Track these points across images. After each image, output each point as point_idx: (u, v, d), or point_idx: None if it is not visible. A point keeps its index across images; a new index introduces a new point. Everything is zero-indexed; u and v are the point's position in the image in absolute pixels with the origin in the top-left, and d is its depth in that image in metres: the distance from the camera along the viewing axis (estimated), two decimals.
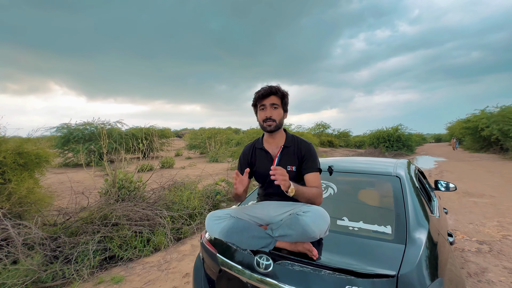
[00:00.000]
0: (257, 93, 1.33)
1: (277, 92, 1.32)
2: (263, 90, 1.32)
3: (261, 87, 1.35)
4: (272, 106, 1.32)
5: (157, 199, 4.33)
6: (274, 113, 1.32)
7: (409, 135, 22.51)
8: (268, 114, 1.31)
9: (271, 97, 1.32)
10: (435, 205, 1.89)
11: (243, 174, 1.25)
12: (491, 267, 2.55)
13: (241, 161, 1.45)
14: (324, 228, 1.04)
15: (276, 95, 1.33)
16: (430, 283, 0.91)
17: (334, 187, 1.63)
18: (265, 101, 1.32)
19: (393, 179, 1.55)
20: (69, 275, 2.45)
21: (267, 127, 1.32)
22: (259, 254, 1.13)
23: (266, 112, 1.32)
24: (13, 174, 3.51)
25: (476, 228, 3.67)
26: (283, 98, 1.36)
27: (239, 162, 1.47)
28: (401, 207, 1.30)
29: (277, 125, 1.33)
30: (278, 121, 1.33)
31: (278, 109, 1.34)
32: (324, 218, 1.06)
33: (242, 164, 1.44)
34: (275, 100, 1.33)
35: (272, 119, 1.31)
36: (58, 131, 13.96)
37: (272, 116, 1.31)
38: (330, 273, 0.96)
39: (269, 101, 1.31)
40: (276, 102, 1.32)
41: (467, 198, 5.47)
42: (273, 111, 1.32)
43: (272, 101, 1.32)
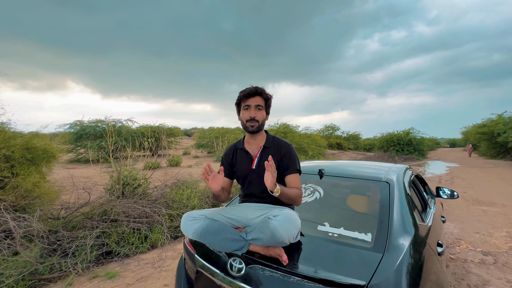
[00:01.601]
0: (242, 92, 1.33)
1: (262, 93, 1.33)
2: (249, 89, 1.31)
3: (246, 87, 1.34)
4: (257, 107, 1.32)
5: (158, 196, 4.39)
6: (258, 114, 1.32)
7: (421, 139, 21.89)
8: (252, 114, 1.31)
9: (256, 97, 1.32)
10: (430, 213, 1.82)
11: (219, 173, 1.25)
12: (493, 280, 2.44)
13: (223, 161, 1.45)
14: (292, 233, 1.02)
15: (261, 96, 1.33)
16: None
17: (320, 191, 1.60)
18: (250, 101, 1.31)
19: (382, 185, 1.50)
20: (66, 268, 2.52)
21: (249, 127, 1.32)
22: (233, 257, 1.12)
23: (250, 112, 1.32)
24: (21, 168, 3.64)
25: (482, 238, 3.51)
26: (267, 100, 1.36)
27: (221, 162, 1.47)
28: (386, 214, 1.26)
29: (259, 126, 1.33)
30: (260, 122, 1.33)
31: (262, 110, 1.34)
32: (293, 222, 1.04)
33: (224, 164, 1.44)
34: (260, 101, 1.33)
35: (255, 119, 1.31)
36: (71, 127, 14.42)
37: (256, 116, 1.31)
38: (298, 280, 0.94)
39: (254, 102, 1.31)
40: (260, 104, 1.33)
41: (477, 206, 5.25)
42: (257, 112, 1.32)
43: (257, 102, 1.32)
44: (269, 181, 1.09)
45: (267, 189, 1.29)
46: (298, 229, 1.07)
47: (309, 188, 1.65)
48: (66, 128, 14.44)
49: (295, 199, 1.22)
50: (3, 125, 3.96)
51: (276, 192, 1.11)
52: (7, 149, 3.50)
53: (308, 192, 1.61)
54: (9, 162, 3.57)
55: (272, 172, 1.09)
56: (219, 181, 1.19)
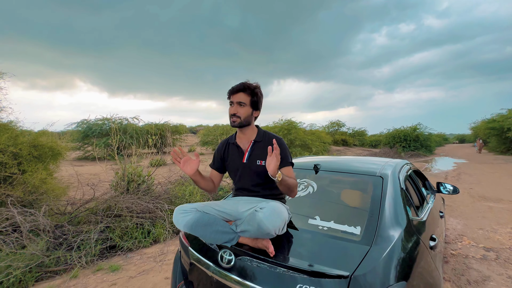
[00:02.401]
0: (230, 89, 1.36)
1: (246, 89, 1.34)
2: (234, 86, 1.35)
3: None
4: (239, 103, 1.34)
5: (162, 193, 4.47)
6: (240, 111, 1.34)
7: (429, 135, 21.52)
8: (233, 111, 1.34)
9: (239, 94, 1.34)
10: (426, 208, 1.82)
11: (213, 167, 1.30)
12: (494, 276, 2.41)
13: (215, 155, 1.49)
14: (278, 224, 1.04)
15: (245, 92, 1.34)
16: (386, 287, 0.88)
17: (314, 186, 1.61)
18: (233, 98, 1.35)
19: (375, 179, 1.50)
20: (71, 261, 2.60)
21: (232, 122, 1.36)
22: (223, 249, 1.15)
23: (232, 108, 1.35)
24: (28, 165, 3.75)
25: (486, 234, 3.47)
26: (253, 96, 1.36)
27: (214, 155, 1.50)
28: (376, 208, 1.26)
29: (241, 122, 1.35)
30: (243, 118, 1.35)
31: (244, 106, 1.35)
32: (279, 214, 1.05)
33: (216, 157, 1.48)
34: (243, 97, 1.34)
35: (237, 115, 1.34)
36: (78, 126, 14.72)
37: (237, 113, 1.34)
38: (284, 271, 0.96)
39: (236, 99, 1.34)
40: (243, 100, 1.34)
41: (482, 203, 5.17)
42: (239, 108, 1.34)
43: (239, 98, 1.34)
44: (272, 166, 1.09)
45: (258, 182, 1.31)
46: (284, 221, 1.09)
47: (303, 183, 1.66)
48: (74, 127, 14.76)
49: (293, 189, 1.23)
50: (11, 123, 4.08)
51: (278, 177, 1.11)
52: (15, 147, 3.61)
53: (302, 187, 1.63)
54: (17, 159, 3.68)
55: (275, 156, 1.10)
56: (193, 165, 1.21)
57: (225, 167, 1.47)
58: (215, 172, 1.48)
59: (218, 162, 1.47)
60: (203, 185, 1.39)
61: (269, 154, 1.12)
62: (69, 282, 2.36)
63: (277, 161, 1.10)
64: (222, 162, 1.46)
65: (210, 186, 1.43)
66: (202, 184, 1.38)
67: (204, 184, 1.39)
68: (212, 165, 1.49)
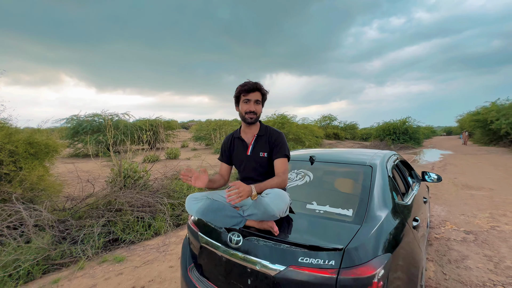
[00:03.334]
0: (243, 87, 1.44)
1: (261, 89, 1.46)
2: (250, 85, 1.43)
3: (245, 82, 1.46)
4: (256, 101, 1.45)
5: (159, 187, 4.55)
6: (257, 108, 1.46)
7: (417, 128, 22.16)
8: (252, 108, 1.45)
9: (256, 92, 1.45)
10: (411, 194, 2.00)
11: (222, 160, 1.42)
12: (472, 255, 2.66)
13: (222, 148, 1.61)
14: (282, 207, 1.18)
15: (260, 92, 1.46)
16: (374, 257, 1.04)
17: (310, 175, 1.75)
18: (250, 96, 1.44)
19: (365, 168, 1.66)
20: (76, 254, 2.69)
21: (248, 119, 1.46)
22: (231, 232, 1.28)
23: (250, 106, 1.45)
24: (25, 163, 3.76)
25: (467, 219, 3.74)
26: (264, 95, 1.49)
27: (221, 149, 1.62)
28: (366, 193, 1.42)
29: (256, 118, 1.48)
30: (258, 115, 1.48)
31: (259, 104, 1.48)
32: (283, 198, 1.19)
33: (223, 151, 1.60)
34: (259, 96, 1.46)
35: (254, 112, 1.45)
36: (67, 122, 14.40)
37: (255, 110, 1.45)
38: (288, 247, 1.10)
39: (254, 97, 1.44)
40: (259, 98, 1.46)
41: (465, 191, 5.49)
42: (256, 106, 1.46)
43: (257, 97, 1.45)
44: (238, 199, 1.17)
45: (261, 172, 1.45)
46: (287, 204, 1.23)
47: (301, 173, 1.80)
48: (62, 123, 14.43)
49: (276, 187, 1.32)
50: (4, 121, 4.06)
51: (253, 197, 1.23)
52: (11, 144, 3.61)
53: (300, 177, 1.77)
54: (13, 157, 3.68)
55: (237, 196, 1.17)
56: (204, 180, 1.32)
57: (231, 159, 1.59)
58: (224, 164, 1.61)
59: (225, 155, 1.59)
60: (216, 186, 1.52)
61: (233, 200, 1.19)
62: (76, 273, 2.46)
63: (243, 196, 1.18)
64: (229, 154, 1.59)
65: (221, 183, 1.56)
66: (215, 186, 1.51)
67: (216, 185, 1.52)
68: (220, 158, 1.62)
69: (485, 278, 2.24)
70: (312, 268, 1.01)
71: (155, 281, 2.33)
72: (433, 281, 2.24)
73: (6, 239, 2.46)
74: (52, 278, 2.38)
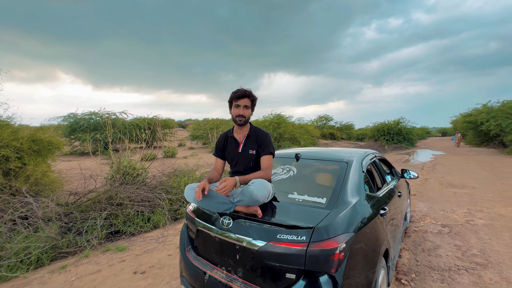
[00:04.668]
0: (235, 94, 1.69)
1: (250, 96, 1.70)
2: (240, 92, 1.68)
3: (237, 89, 1.71)
4: (245, 106, 1.69)
5: (157, 184, 4.77)
6: (245, 112, 1.70)
7: (411, 128, 22.58)
8: (241, 112, 1.69)
9: (245, 99, 1.69)
10: (384, 188, 2.25)
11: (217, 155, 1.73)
12: (444, 245, 2.93)
13: (217, 145, 1.86)
14: (264, 193, 1.41)
15: (249, 98, 1.70)
16: (338, 234, 1.28)
17: (294, 170, 1.99)
18: (240, 102, 1.68)
19: (342, 165, 1.90)
20: (81, 243, 2.91)
21: (238, 121, 1.70)
22: (223, 216, 1.52)
23: (239, 110, 1.69)
24: (29, 159, 3.95)
25: (445, 214, 4.02)
26: (253, 101, 1.73)
27: (216, 146, 1.86)
28: (339, 185, 1.66)
29: (245, 121, 1.71)
30: (246, 118, 1.72)
31: (248, 109, 1.72)
32: (265, 186, 1.43)
33: (218, 147, 1.85)
34: (247, 102, 1.70)
35: (243, 116, 1.69)
36: (65, 120, 14.47)
37: (243, 114, 1.69)
38: (269, 226, 1.34)
39: (243, 102, 1.68)
40: (247, 104, 1.70)
41: (449, 189, 5.79)
42: (245, 110, 1.70)
43: (245, 103, 1.69)
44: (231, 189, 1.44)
45: (249, 167, 1.69)
46: (269, 192, 1.46)
47: (286, 168, 2.04)
48: (59, 121, 14.49)
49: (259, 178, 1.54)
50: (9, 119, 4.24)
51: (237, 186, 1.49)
52: (16, 141, 3.80)
53: (285, 171, 2.01)
54: (18, 154, 3.87)
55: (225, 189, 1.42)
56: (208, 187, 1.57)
57: (224, 155, 1.83)
58: (219, 160, 1.85)
59: (220, 151, 1.84)
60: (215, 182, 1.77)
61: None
62: (82, 260, 2.67)
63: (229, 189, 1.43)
64: (222, 151, 1.83)
65: (218, 178, 1.81)
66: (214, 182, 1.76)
67: (215, 181, 1.77)
68: (216, 154, 1.86)
69: (451, 264, 2.51)
70: (287, 243, 1.25)
71: (155, 267, 2.55)
72: (406, 266, 2.50)
73: (18, 228, 2.67)
74: (59, 264, 2.60)
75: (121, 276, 2.41)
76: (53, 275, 2.42)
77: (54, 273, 2.44)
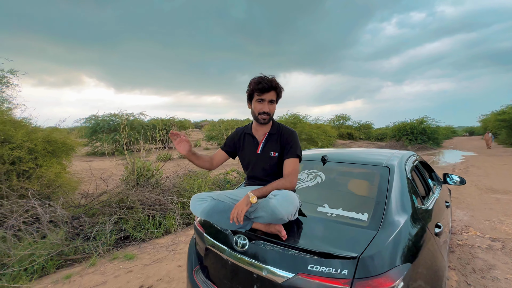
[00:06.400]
0: (257, 84, 1.32)
1: (277, 88, 1.36)
2: (265, 83, 1.31)
3: (260, 78, 1.34)
4: (270, 101, 1.36)
5: (171, 186, 4.59)
6: (271, 108, 1.38)
7: (436, 127, 21.21)
8: (266, 109, 1.35)
9: (271, 92, 1.34)
10: (432, 198, 1.86)
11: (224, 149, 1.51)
12: (499, 264, 2.45)
13: (229, 139, 1.54)
14: (291, 210, 1.10)
15: (275, 91, 1.36)
16: (392, 267, 0.94)
17: (322, 176, 1.66)
18: (264, 96, 1.34)
19: (382, 169, 1.55)
20: (88, 250, 2.74)
21: (261, 119, 1.38)
22: (238, 234, 1.22)
23: (264, 106, 1.35)
24: (43, 160, 3.89)
25: (492, 225, 3.48)
26: (279, 93, 1.40)
27: (227, 140, 1.56)
28: (383, 196, 1.32)
29: (270, 118, 1.40)
30: (271, 115, 1.40)
31: (274, 104, 1.39)
32: (291, 201, 1.11)
33: (228, 142, 1.54)
34: (273, 96, 1.36)
35: (268, 113, 1.37)
36: (86, 121, 14.97)
37: (269, 111, 1.37)
38: (297, 253, 1.03)
39: (268, 97, 1.34)
40: (273, 98, 1.37)
41: (490, 195, 5.15)
42: (270, 106, 1.37)
43: (271, 97, 1.35)
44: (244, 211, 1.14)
45: (269, 172, 1.38)
46: (296, 207, 1.15)
47: (312, 173, 1.72)
48: (82, 123, 15.03)
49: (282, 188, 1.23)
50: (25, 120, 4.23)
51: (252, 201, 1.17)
52: (31, 142, 3.74)
53: (311, 177, 1.68)
54: (32, 154, 3.82)
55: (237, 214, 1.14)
56: (185, 147, 1.33)
57: (235, 153, 1.53)
58: (221, 153, 1.54)
59: (230, 147, 1.52)
60: (198, 164, 1.46)
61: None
62: (88, 269, 2.49)
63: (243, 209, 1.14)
64: (234, 148, 1.52)
65: (206, 165, 1.49)
66: (197, 163, 1.46)
67: (199, 163, 1.46)
68: (222, 147, 1.55)
69: None
70: (322, 277, 0.93)
71: (163, 280, 2.31)
72: None
73: (22, 234, 2.54)
74: (65, 273, 2.43)
75: None
76: (56, 285, 2.25)
77: (58, 284, 2.27)
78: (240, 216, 1.10)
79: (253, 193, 1.17)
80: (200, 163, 1.47)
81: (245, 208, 1.12)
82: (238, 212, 1.11)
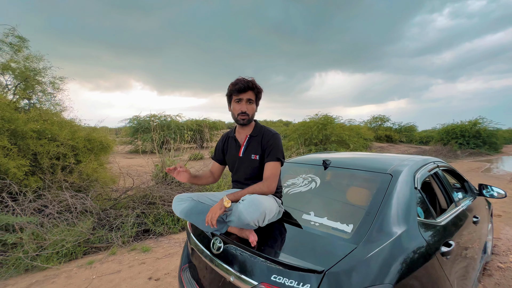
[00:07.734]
0: (234, 86, 1.33)
1: (254, 88, 1.35)
2: (241, 84, 1.32)
3: (237, 80, 1.35)
4: (248, 101, 1.35)
5: (191, 185, 4.79)
6: (249, 108, 1.36)
7: (495, 130, 18.52)
8: (243, 108, 1.34)
9: (248, 92, 1.34)
10: (451, 211, 1.63)
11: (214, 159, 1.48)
12: None
13: (216, 147, 1.56)
14: (256, 216, 1.05)
15: (253, 91, 1.35)
16: (365, 287, 0.85)
17: (317, 181, 1.57)
18: (242, 95, 1.33)
19: (383, 177, 1.41)
20: (111, 240, 3.00)
21: (240, 120, 1.36)
22: (215, 237, 1.22)
23: (241, 106, 1.34)
24: (83, 156, 4.38)
25: None
26: (258, 94, 1.38)
27: (215, 148, 1.58)
28: (376, 207, 1.19)
29: (249, 119, 1.37)
30: (251, 116, 1.37)
31: (252, 104, 1.37)
32: (257, 206, 1.06)
33: (217, 150, 1.55)
34: (251, 95, 1.35)
35: (246, 113, 1.35)
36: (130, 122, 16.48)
37: (247, 111, 1.35)
38: (262, 261, 0.98)
39: (246, 96, 1.34)
40: (251, 98, 1.35)
41: None
42: (248, 106, 1.35)
43: (249, 96, 1.34)
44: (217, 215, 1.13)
45: (249, 176, 1.35)
46: (263, 214, 1.09)
47: (308, 178, 1.63)
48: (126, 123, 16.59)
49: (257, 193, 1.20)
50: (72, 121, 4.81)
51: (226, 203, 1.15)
52: (73, 140, 4.24)
53: (306, 182, 1.60)
54: (74, 151, 4.32)
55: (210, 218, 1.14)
56: (184, 176, 1.36)
57: (225, 160, 1.53)
58: (216, 164, 1.56)
59: (219, 155, 1.54)
60: (202, 183, 1.51)
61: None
62: (108, 257, 2.72)
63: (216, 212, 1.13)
64: (222, 154, 1.53)
65: (209, 181, 1.53)
66: (201, 183, 1.51)
67: (202, 182, 1.51)
68: (213, 157, 1.57)
69: None
70: None
71: (170, 274, 2.42)
72: None
73: (56, 222, 2.88)
74: (89, 259, 2.69)
75: (137, 280, 2.34)
76: (80, 270, 2.50)
77: (81, 268, 2.53)
78: (213, 219, 1.10)
79: (227, 197, 1.15)
80: (203, 182, 1.52)
81: (218, 211, 1.11)
82: (211, 215, 1.11)
